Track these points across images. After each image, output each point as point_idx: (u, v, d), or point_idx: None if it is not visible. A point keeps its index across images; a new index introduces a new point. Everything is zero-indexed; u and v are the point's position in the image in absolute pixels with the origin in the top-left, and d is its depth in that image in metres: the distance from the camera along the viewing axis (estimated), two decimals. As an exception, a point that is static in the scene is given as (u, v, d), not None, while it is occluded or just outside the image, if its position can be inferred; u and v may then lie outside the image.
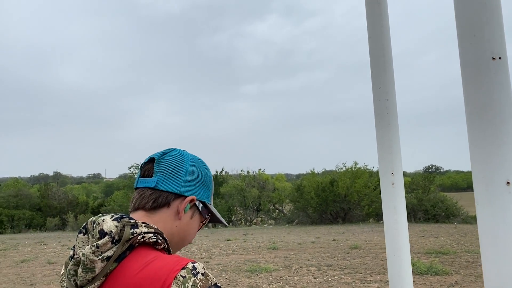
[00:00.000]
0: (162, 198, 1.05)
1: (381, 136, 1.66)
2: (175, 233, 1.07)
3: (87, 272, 0.89)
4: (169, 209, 1.06)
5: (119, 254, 0.90)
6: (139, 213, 1.05)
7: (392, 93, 1.66)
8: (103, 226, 0.93)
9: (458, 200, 24.19)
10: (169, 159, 1.10)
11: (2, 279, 9.30)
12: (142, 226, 0.95)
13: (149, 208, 1.04)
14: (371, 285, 7.56)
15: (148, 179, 1.07)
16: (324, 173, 28.63)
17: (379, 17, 1.71)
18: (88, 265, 0.89)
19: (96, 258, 0.88)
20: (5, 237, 22.00)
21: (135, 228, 0.94)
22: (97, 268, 0.89)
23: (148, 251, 0.94)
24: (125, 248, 0.91)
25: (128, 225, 0.93)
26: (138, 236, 0.93)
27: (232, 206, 30.74)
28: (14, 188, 32.98)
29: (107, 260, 0.89)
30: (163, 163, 1.08)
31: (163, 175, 1.06)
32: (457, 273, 8.20)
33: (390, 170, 1.63)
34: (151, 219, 1.03)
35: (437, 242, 12.88)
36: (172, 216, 1.06)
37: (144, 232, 0.94)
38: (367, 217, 24.84)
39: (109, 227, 0.92)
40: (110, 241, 0.90)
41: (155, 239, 0.95)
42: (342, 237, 15.33)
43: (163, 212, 1.05)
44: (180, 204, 1.07)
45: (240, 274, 8.77)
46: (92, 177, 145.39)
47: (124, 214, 0.98)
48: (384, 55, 1.68)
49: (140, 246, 0.94)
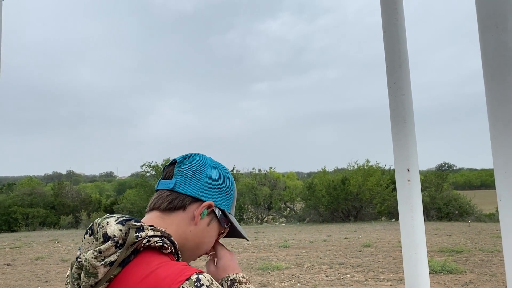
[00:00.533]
0: (179, 200, 1.02)
1: (396, 132, 1.63)
2: (189, 238, 1.03)
3: (90, 277, 0.86)
4: (185, 212, 1.03)
5: (123, 259, 0.87)
6: (153, 213, 1.03)
7: (408, 88, 1.64)
8: (107, 230, 0.89)
9: (471, 198, 23.92)
10: (190, 162, 1.08)
11: (17, 276, 9.43)
12: (148, 229, 0.92)
13: (163, 209, 1.02)
14: (383, 283, 7.51)
15: (167, 181, 1.06)
16: (335, 171, 28.48)
17: (394, 12, 1.68)
18: (90, 270, 0.86)
19: (99, 263, 0.85)
20: (20, 234, 22.31)
21: (141, 231, 0.90)
22: (99, 273, 0.86)
23: (153, 256, 0.90)
24: (129, 253, 0.88)
25: (133, 228, 0.90)
26: (143, 240, 0.89)
27: (243, 204, 30.77)
28: (28, 186, 33.41)
29: (110, 265, 0.86)
30: (184, 166, 1.07)
31: (182, 177, 1.05)
32: (472, 272, 8.10)
33: (406, 167, 1.60)
34: (164, 220, 1.01)
35: (450, 240, 12.75)
36: (187, 220, 1.03)
37: (149, 236, 0.90)
38: (379, 215, 24.68)
39: (113, 230, 0.89)
40: (114, 245, 0.87)
41: (161, 243, 0.91)
42: (354, 235, 15.25)
43: (178, 215, 1.02)
44: (197, 208, 1.03)
45: (252, 272, 8.77)
46: (105, 175, 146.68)
47: (130, 217, 0.95)
48: (400, 50, 1.66)
49: (145, 250, 0.90)
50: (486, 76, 0.98)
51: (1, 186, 39.34)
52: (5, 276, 9.47)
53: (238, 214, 30.28)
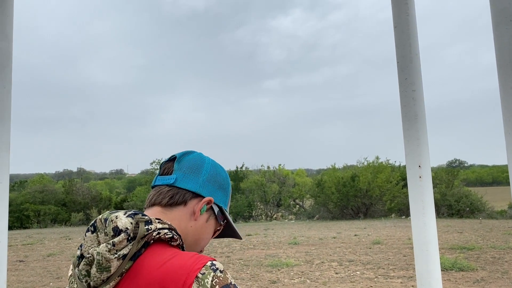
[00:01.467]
0: (180, 195, 1.03)
1: (407, 128, 1.62)
2: (189, 233, 1.04)
3: (102, 272, 0.85)
4: (186, 207, 1.04)
5: (134, 252, 0.87)
6: (154, 209, 1.03)
7: (419, 83, 1.62)
8: (118, 223, 0.89)
9: (483, 195, 23.69)
10: (190, 159, 1.09)
11: (29, 272, 9.55)
12: (156, 222, 0.92)
13: (165, 204, 1.02)
14: (394, 280, 7.48)
15: (167, 177, 1.06)
16: (345, 168, 28.39)
17: (405, 6, 1.66)
18: (103, 264, 0.85)
19: (112, 256, 0.85)
20: (32, 231, 22.58)
21: (150, 224, 0.91)
22: (112, 267, 0.85)
23: (164, 248, 0.91)
24: (140, 246, 0.88)
25: (142, 222, 0.90)
26: (153, 232, 0.90)
27: (253, 201, 30.82)
28: (39, 184, 33.76)
29: (122, 258, 0.86)
30: (184, 162, 1.08)
31: (182, 173, 1.06)
32: (483, 269, 8.03)
33: (417, 163, 1.59)
34: (166, 215, 1.01)
35: (461, 237, 12.64)
36: (188, 215, 1.04)
37: (159, 228, 0.91)
38: (389, 212, 24.57)
39: (124, 223, 0.89)
40: (126, 238, 0.87)
41: (171, 235, 0.92)
42: (363, 232, 15.19)
43: (179, 210, 1.03)
44: (197, 204, 1.05)
45: (261, 269, 8.78)
46: (115, 173, 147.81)
47: (137, 211, 0.95)
48: (411, 45, 1.64)
49: (155, 243, 0.91)
50: (500, 70, 0.97)
51: (13, 183, 39.86)
52: (18, 272, 9.59)
53: (247, 211, 30.34)
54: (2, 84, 1.90)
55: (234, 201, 30.22)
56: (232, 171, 35.67)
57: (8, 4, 1.83)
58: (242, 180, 32.95)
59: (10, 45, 1.88)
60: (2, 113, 1.90)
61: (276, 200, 30.93)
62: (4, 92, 1.91)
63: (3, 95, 1.91)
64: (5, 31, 1.82)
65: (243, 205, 29.85)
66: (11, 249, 13.39)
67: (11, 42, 1.91)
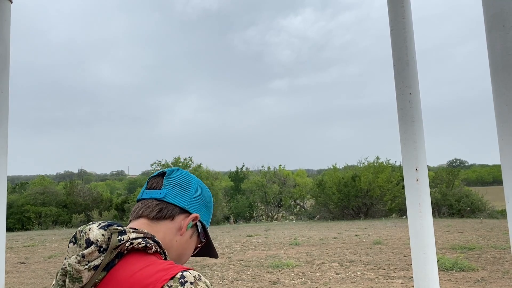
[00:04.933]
0: (168, 210, 1.05)
1: (404, 131, 1.62)
2: (173, 247, 1.06)
3: (74, 283, 0.87)
4: (172, 222, 1.05)
5: (107, 263, 0.88)
6: (140, 221, 1.04)
7: (416, 87, 1.62)
8: (90, 235, 0.91)
9: (483, 195, 23.66)
10: (178, 175, 1.11)
11: (30, 274, 9.55)
12: (131, 232, 0.93)
13: (152, 218, 1.04)
14: (394, 281, 7.47)
15: (156, 191, 1.08)
16: (345, 168, 28.37)
17: (401, 9, 1.66)
18: (74, 275, 0.87)
19: (82, 267, 0.87)
20: (33, 233, 22.59)
21: (123, 234, 0.91)
22: (84, 278, 0.87)
23: (138, 258, 0.91)
24: (113, 256, 0.89)
25: (115, 233, 0.91)
26: (126, 243, 0.90)
27: (253, 202, 30.82)
28: (41, 185, 33.77)
29: (94, 269, 0.87)
30: (173, 178, 1.10)
31: (172, 189, 1.08)
32: (484, 269, 8.02)
33: (414, 166, 1.59)
34: (151, 228, 1.02)
35: (462, 237, 12.63)
36: (174, 230, 1.05)
37: (132, 238, 0.92)
38: (389, 212, 24.56)
39: (95, 235, 0.90)
40: (97, 250, 0.88)
41: (144, 243, 0.93)
42: (364, 232, 15.18)
43: (165, 224, 1.04)
44: (184, 219, 1.07)
45: (262, 270, 8.78)
46: (116, 174, 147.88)
47: (112, 222, 0.96)
48: (407, 48, 1.64)
49: (130, 254, 0.92)
50: (493, 75, 0.97)
51: (14, 185, 39.91)
52: (19, 274, 9.60)
53: (248, 211, 30.34)
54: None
55: (235, 202, 30.22)
56: (232, 172, 35.67)
57: (5, 9, 1.84)
58: (243, 181, 32.96)
59: (7, 49, 1.89)
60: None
61: (276, 200, 30.94)
62: (1, 96, 1.91)
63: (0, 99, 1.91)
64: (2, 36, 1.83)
65: (244, 205, 29.86)
66: (12, 251, 13.40)
67: (8, 46, 1.92)
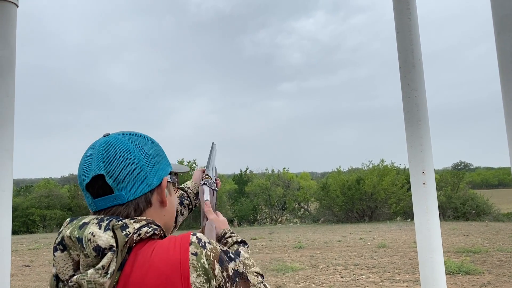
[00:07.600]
0: (141, 202, 0.96)
1: (411, 134, 1.60)
2: (166, 218, 1.04)
3: None
4: (152, 205, 0.99)
5: (120, 262, 0.85)
6: None
7: (422, 89, 1.61)
8: (98, 242, 0.84)
9: (489, 198, 23.55)
10: (115, 162, 0.93)
11: (35, 277, 9.57)
12: (132, 223, 0.89)
13: (133, 216, 0.95)
14: (399, 284, 7.43)
15: (109, 197, 0.93)
16: (350, 171, 28.30)
17: (407, 11, 1.65)
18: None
19: (105, 278, 0.83)
20: (38, 236, 22.65)
21: (126, 228, 0.87)
22: (106, 286, 0.83)
23: (147, 245, 0.89)
24: (124, 253, 0.86)
25: (117, 229, 0.86)
26: (133, 235, 0.87)
27: (257, 205, 30.77)
28: (45, 188, 33.89)
29: (112, 274, 0.84)
30: (114, 171, 0.93)
31: (125, 185, 0.93)
32: (490, 273, 7.96)
33: (421, 169, 1.57)
34: None
35: (467, 240, 12.55)
36: (157, 208, 1.00)
37: (137, 229, 0.88)
38: (394, 215, 24.44)
39: (106, 241, 0.84)
40: (115, 256, 0.84)
41: (151, 231, 0.90)
42: (369, 235, 15.12)
43: (148, 211, 0.98)
44: (158, 194, 1.00)
45: (266, 273, 8.76)
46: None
47: (104, 216, 0.90)
48: (413, 50, 1.63)
49: (137, 245, 0.89)
50: (503, 77, 0.96)
51: (19, 188, 40.03)
52: (24, 277, 9.62)
53: (252, 214, 30.29)
54: (5, 92, 1.91)
55: (239, 205, 30.18)
56: (236, 175, 35.65)
57: (11, 14, 1.85)
58: (247, 183, 32.93)
59: (13, 53, 1.90)
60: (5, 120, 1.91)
61: (281, 203, 30.88)
62: (7, 99, 1.91)
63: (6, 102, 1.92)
64: (7, 40, 1.84)
65: (248, 208, 29.82)
66: (17, 254, 13.43)
67: (14, 50, 1.92)
